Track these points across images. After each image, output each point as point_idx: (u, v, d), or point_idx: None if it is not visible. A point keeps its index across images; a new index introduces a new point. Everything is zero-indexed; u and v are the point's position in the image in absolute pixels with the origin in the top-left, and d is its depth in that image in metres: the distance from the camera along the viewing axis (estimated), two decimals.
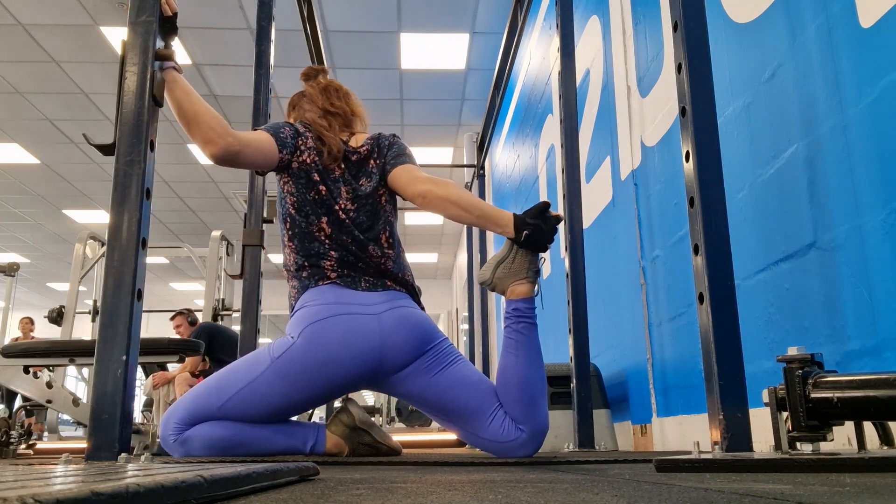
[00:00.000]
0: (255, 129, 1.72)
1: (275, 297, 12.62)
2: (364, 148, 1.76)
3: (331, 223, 1.68)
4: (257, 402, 1.61)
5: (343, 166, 1.73)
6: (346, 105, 1.84)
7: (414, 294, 1.77)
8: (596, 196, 3.24)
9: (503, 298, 1.69)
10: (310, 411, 2.39)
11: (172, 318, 5.39)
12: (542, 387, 1.66)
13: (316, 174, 1.69)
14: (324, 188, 1.69)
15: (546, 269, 4.20)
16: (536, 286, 1.67)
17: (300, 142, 1.71)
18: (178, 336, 5.19)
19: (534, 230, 1.60)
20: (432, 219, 9.82)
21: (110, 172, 1.30)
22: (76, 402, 2.61)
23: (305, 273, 1.69)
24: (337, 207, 1.69)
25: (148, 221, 1.31)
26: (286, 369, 1.60)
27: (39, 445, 2.87)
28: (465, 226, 6.69)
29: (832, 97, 1.50)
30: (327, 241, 1.68)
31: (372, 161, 1.75)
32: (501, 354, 1.68)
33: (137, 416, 5.52)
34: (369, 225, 1.72)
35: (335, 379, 1.62)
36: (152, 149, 1.34)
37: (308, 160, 1.69)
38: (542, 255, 1.67)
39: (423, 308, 1.76)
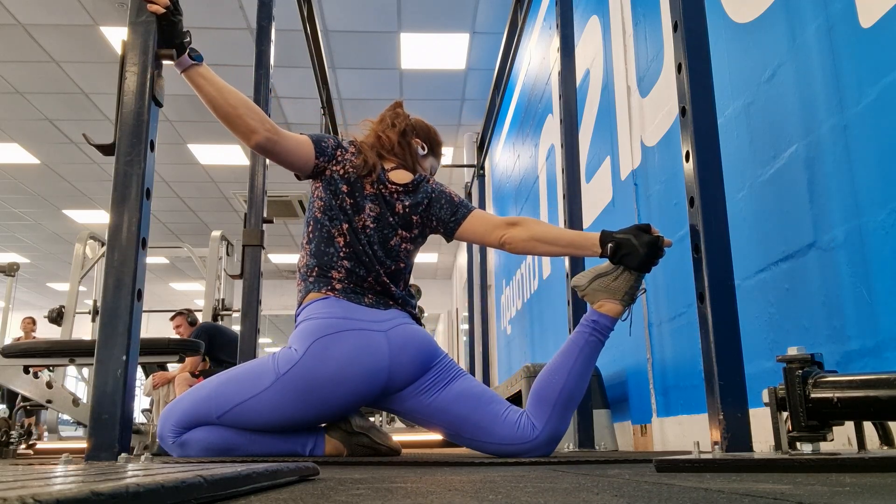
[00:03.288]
0: (302, 134, 1.75)
1: (275, 297, 12.69)
2: (402, 191, 1.74)
3: (350, 231, 1.69)
4: (257, 416, 1.60)
5: (375, 189, 1.72)
6: (395, 136, 1.84)
7: (416, 319, 1.77)
8: (596, 196, 3.24)
9: (591, 307, 1.67)
10: None
11: (172, 319, 5.40)
12: (578, 400, 1.67)
13: (346, 185, 1.71)
14: (350, 200, 1.71)
15: (546, 269, 4.19)
16: (627, 311, 1.64)
17: (339, 153, 1.74)
18: (178, 336, 5.19)
19: (620, 243, 1.57)
20: None
21: (110, 172, 1.30)
22: (76, 402, 2.61)
23: (312, 278, 1.70)
24: (357, 219, 1.70)
25: (148, 221, 1.31)
26: (291, 386, 1.58)
27: (39, 445, 2.87)
28: None
29: (832, 97, 1.50)
30: (344, 249, 1.68)
31: (415, 217, 1.73)
32: (560, 353, 1.67)
33: (138, 417, 5.51)
34: (382, 248, 1.72)
35: (340, 397, 1.61)
36: (152, 149, 1.34)
37: (342, 171, 1.72)
38: (643, 286, 1.65)
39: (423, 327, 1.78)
